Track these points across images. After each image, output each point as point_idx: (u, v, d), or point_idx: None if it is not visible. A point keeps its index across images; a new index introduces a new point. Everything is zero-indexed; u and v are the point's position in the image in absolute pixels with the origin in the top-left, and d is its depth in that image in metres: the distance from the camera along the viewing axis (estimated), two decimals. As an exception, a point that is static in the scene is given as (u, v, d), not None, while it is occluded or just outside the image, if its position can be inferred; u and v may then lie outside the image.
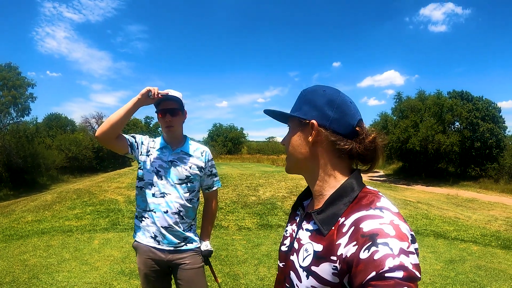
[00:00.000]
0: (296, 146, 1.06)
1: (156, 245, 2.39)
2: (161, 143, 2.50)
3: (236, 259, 5.67)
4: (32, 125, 29.83)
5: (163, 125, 2.41)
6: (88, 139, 34.21)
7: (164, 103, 2.39)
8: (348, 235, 0.85)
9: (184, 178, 2.42)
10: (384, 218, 0.84)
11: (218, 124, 54.34)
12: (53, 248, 6.12)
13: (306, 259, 0.95)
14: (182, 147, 2.49)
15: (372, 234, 0.80)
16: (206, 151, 2.57)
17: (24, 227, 7.91)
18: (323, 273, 0.88)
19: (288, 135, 1.10)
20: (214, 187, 2.63)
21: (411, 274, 0.74)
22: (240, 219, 8.36)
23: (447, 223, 8.91)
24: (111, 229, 7.43)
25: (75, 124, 40.30)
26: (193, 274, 2.42)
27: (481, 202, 15.75)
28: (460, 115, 25.94)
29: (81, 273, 4.96)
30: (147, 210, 2.41)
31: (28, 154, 24.37)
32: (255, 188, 11.21)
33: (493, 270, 5.41)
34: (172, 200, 2.38)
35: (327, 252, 0.88)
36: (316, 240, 0.94)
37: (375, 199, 0.92)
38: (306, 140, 1.03)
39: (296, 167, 1.10)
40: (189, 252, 2.44)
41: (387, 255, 0.75)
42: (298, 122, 1.05)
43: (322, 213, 0.96)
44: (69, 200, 10.25)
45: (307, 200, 1.17)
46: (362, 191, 0.96)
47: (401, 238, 0.79)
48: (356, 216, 0.87)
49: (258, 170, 16.90)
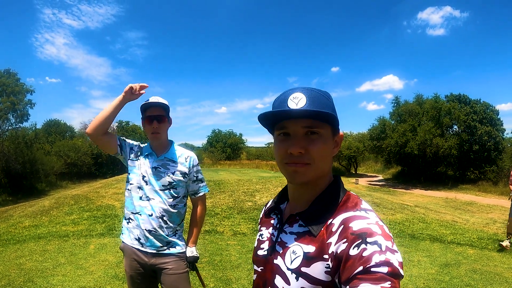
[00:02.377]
0: (326, 156, 0.99)
1: (139, 247, 2.43)
2: (147, 150, 2.54)
3: (229, 264, 5.68)
4: (31, 131, 29.79)
5: (149, 131, 2.46)
6: (87, 145, 34.16)
7: (150, 109, 2.44)
8: (338, 233, 0.88)
9: (167, 185, 2.46)
10: (370, 219, 0.88)
11: (217, 130, 54.42)
12: (49, 252, 6.13)
13: (294, 261, 0.95)
14: (167, 154, 2.52)
15: (362, 233, 0.83)
16: (190, 156, 2.58)
17: (21, 232, 7.92)
18: (315, 273, 0.90)
19: (320, 144, 0.97)
20: (200, 193, 2.64)
21: (395, 270, 0.77)
22: (235, 224, 8.37)
23: (444, 227, 8.91)
24: (107, 234, 7.44)
25: (74, 130, 40.28)
26: (176, 279, 2.44)
27: (479, 205, 15.75)
28: (458, 118, 25.95)
29: (75, 277, 4.97)
30: (134, 212, 2.45)
31: (26, 160, 24.35)
32: (251, 193, 11.23)
33: (488, 274, 5.41)
34: (155, 204, 2.42)
35: (319, 252, 0.91)
36: (306, 242, 0.95)
37: (358, 201, 0.97)
38: (331, 151, 1.02)
39: (316, 178, 1.00)
40: (172, 256, 2.46)
41: (374, 252, 0.79)
42: (332, 130, 1.01)
43: (309, 215, 0.98)
44: (67, 206, 10.27)
45: (282, 203, 1.17)
46: (346, 194, 1.01)
47: (387, 237, 0.83)
48: (344, 217, 0.92)
49: (256, 175, 16.90)
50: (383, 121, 30.06)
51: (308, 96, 0.96)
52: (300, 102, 0.95)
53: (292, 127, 0.97)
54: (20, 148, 24.61)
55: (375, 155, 33.59)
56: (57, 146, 32.01)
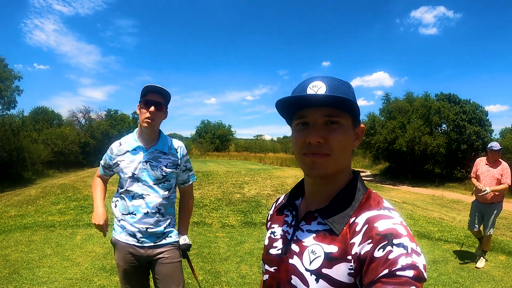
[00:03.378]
0: (346, 147, 0.95)
1: (135, 242, 2.38)
2: (131, 144, 2.44)
3: (218, 256, 5.65)
4: (18, 118, 29.36)
5: (143, 116, 2.32)
6: (74, 133, 33.74)
7: (151, 94, 2.33)
8: (362, 233, 0.85)
9: (161, 178, 2.39)
10: (394, 218, 0.85)
11: (206, 121, 54.27)
12: (35, 243, 6.03)
13: (314, 262, 0.90)
14: (157, 145, 2.43)
15: (387, 234, 0.80)
16: (180, 146, 2.52)
17: (6, 222, 7.80)
18: (338, 274, 0.86)
19: (340, 134, 0.93)
20: (189, 182, 2.60)
21: (420, 274, 0.75)
22: (224, 216, 8.35)
23: (431, 224, 8.98)
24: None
25: (62, 118, 39.71)
26: (171, 268, 2.41)
27: (466, 203, 15.88)
28: (447, 117, 26.14)
29: (62, 268, 4.90)
30: (127, 213, 2.39)
31: (13, 148, 23.94)
32: (240, 185, 11.23)
33: (475, 271, 5.45)
34: (151, 200, 2.36)
35: (343, 252, 0.87)
36: (327, 241, 0.91)
37: (381, 200, 0.94)
38: (352, 143, 0.98)
39: (336, 170, 0.96)
40: (167, 246, 2.42)
41: (400, 255, 0.76)
42: (353, 120, 0.97)
43: (329, 212, 0.94)
44: (53, 195, 10.16)
45: (297, 199, 1.11)
46: (367, 191, 0.97)
47: (412, 239, 0.81)
48: (368, 215, 0.88)
49: (244, 167, 16.91)
50: (372, 117, 30.14)
51: (328, 85, 0.93)
52: (320, 90, 0.92)
53: (311, 115, 0.92)
54: (7, 136, 24.14)
55: (363, 150, 33.70)
56: (45, 134, 31.49)
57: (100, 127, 37.41)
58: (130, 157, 2.41)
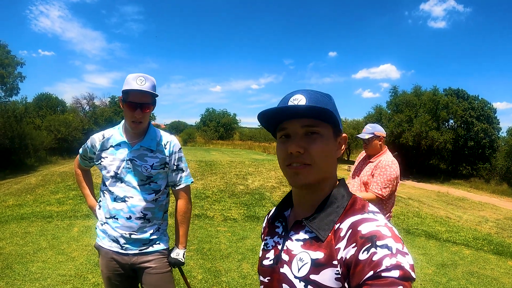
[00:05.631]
0: (327, 157, 0.96)
1: (118, 249, 2.14)
2: (117, 138, 2.17)
3: (219, 253, 5.46)
4: (21, 105, 29.31)
5: (129, 119, 2.07)
6: (78, 120, 33.74)
7: (135, 95, 2.02)
8: (347, 238, 0.86)
9: (145, 179, 2.13)
10: (379, 221, 0.86)
11: (211, 109, 54.08)
12: (31, 235, 5.87)
13: (302, 269, 0.92)
14: (142, 142, 2.15)
15: (371, 236, 0.81)
16: (170, 141, 2.23)
17: (4, 212, 7.68)
18: (325, 280, 0.87)
19: (320, 143, 0.95)
20: (181, 185, 2.26)
21: (406, 273, 0.74)
22: (226, 209, 8.16)
23: (438, 223, 8.78)
24: (92, 216, 7.10)
25: (65, 105, 39.64)
26: (159, 279, 2.17)
27: (471, 201, 15.72)
28: (455, 113, 25.90)
29: (56, 263, 4.73)
30: (109, 217, 2.15)
31: (16, 134, 23.91)
32: (244, 176, 11.00)
33: (485, 278, 5.24)
34: (134, 204, 2.10)
35: (328, 258, 0.88)
36: (313, 248, 0.92)
37: (366, 204, 0.95)
38: (335, 152, 1.00)
39: (319, 180, 0.97)
40: (155, 254, 2.18)
41: (384, 256, 0.76)
42: (333, 130, 0.98)
43: (315, 220, 0.95)
44: (53, 184, 10.01)
45: (286, 210, 1.13)
46: (352, 197, 0.98)
47: (397, 239, 0.80)
48: (352, 220, 0.89)
49: (248, 157, 16.67)
50: (379, 109, 29.96)
51: (308, 97, 0.95)
52: (300, 102, 0.95)
53: (291, 127, 0.95)
54: (9, 122, 24.09)
55: (368, 143, 33.52)
56: (48, 121, 31.51)
57: (104, 114, 37.40)
58: (113, 153, 2.15)
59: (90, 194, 2.48)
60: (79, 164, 2.48)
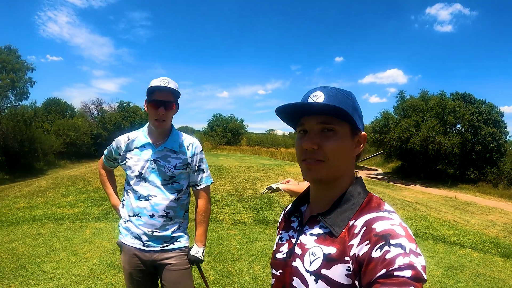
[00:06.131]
0: (342, 154, 0.98)
1: (140, 246, 2.23)
2: (142, 140, 2.29)
3: (230, 255, 5.52)
4: (30, 109, 29.56)
5: (153, 117, 2.20)
6: (86, 125, 33.95)
7: (158, 93, 2.17)
8: (360, 235, 0.87)
9: (168, 179, 2.24)
10: (394, 220, 0.86)
11: (218, 115, 53.89)
12: (43, 236, 5.97)
13: (314, 263, 0.93)
14: (166, 143, 2.27)
15: (385, 234, 0.81)
16: (192, 143, 2.34)
17: (15, 214, 7.78)
18: (336, 275, 0.88)
19: (334, 141, 0.97)
20: (201, 185, 2.37)
21: (418, 274, 0.75)
22: (236, 213, 8.21)
23: (446, 227, 8.78)
24: (104, 219, 7.28)
25: (74, 110, 39.91)
26: (179, 275, 2.26)
27: (479, 206, 15.63)
28: (463, 117, 25.75)
29: (69, 264, 4.81)
30: (132, 215, 2.24)
31: (25, 138, 24.17)
32: (252, 181, 11.06)
33: (493, 279, 5.26)
34: (157, 202, 2.20)
35: (341, 254, 0.89)
36: (326, 243, 0.94)
37: (381, 203, 0.96)
38: (351, 150, 1.01)
39: (333, 177, 0.99)
40: (176, 251, 2.27)
41: (398, 254, 0.77)
42: (350, 129, 1.00)
43: (330, 216, 0.96)
44: (63, 187, 10.12)
45: (303, 206, 1.15)
46: (368, 195, 0.99)
47: (411, 239, 0.81)
48: (367, 218, 0.90)
49: (256, 162, 16.71)
50: (386, 114, 29.84)
51: (327, 94, 0.97)
52: (318, 99, 0.97)
53: (308, 123, 0.98)
54: (19, 126, 24.35)
55: (376, 148, 33.41)
56: (57, 125, 31.74)
57: (112, 119, 37.54)
58: (138, 154, 2.26)
59: (114, 194, 2.59)
60: (103, 164, 2.59)
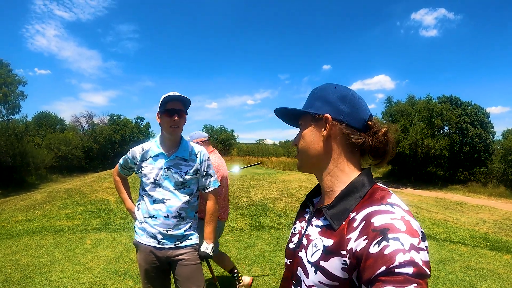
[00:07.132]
0: (309, 142, 1.05)
1: (156, 244, 2.46)
2: (155, 150, 2.54)
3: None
4: (21, 123, 29.46)
5: (169, 124, 2.43)
6: (77, 138, 33.88)
7: (172, 103, 2.43)
8: (359, 229, 0.85)
9: (180, 184, 2.47)
10: (395, 213, 0.83)
11: (208, 126, 54.01)
12: (44, 248, 6.06)
13: (314, 254, 0.95)
14: (177, 152, 2.51)
15: (383, 229, 0.79)
16: (200, 151, 2.59)
17: (14, 227, 7.84)
18: (332, 268, 0.88)
19: (300, 133, 1.10)
20: (209, 188, 2.62)
21: (421, 270, 0.73)
22: (232, 220, 8.37)
23: (436, 225, 9.02)
24: (103, 229, 7.39)
25: (65, 123, 39.84)
26: (191, 270, 2.48)
27: (469, 205, 15.93)
28: (450, 119, 26.19)
29: (74, 273, 4.92)
30: (148, 216, 2.48)
31: (17, 152, 24.06)
32: (246, 189, 11.23)
33: (482, 270, 5.52)
34: (172, 204, 2.44)
35: (337, 246, 0.89)
36: (326, 235, 0.94)
37: (386, 195, 0.92)
38: (319, 135, 1.03)
39: (309, 163, 1.08)
40: (188, 248, 2.50)
41: (397, 250, 0.75)
42: (311, 117, 1.05)
43: (333, 208, 0.96)
44: (60, 200, 10.18)
45: (316, 197, 1.18)
46: (372, 187, 0.97)
47: (412, 234, 0.78)
48: (367, 211, 0.88)
49: (249, 171, 16.89)
50: (375, 120, 30.13)
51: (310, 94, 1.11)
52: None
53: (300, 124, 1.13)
54: (11, 140, 24.25)
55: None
56: (48, 139, 31.69)
57: (103, 132, 37.46)
58: (152, 163, 2.50)
59: (128, 198, 2.84)
60: (119, 172, 2.83)
